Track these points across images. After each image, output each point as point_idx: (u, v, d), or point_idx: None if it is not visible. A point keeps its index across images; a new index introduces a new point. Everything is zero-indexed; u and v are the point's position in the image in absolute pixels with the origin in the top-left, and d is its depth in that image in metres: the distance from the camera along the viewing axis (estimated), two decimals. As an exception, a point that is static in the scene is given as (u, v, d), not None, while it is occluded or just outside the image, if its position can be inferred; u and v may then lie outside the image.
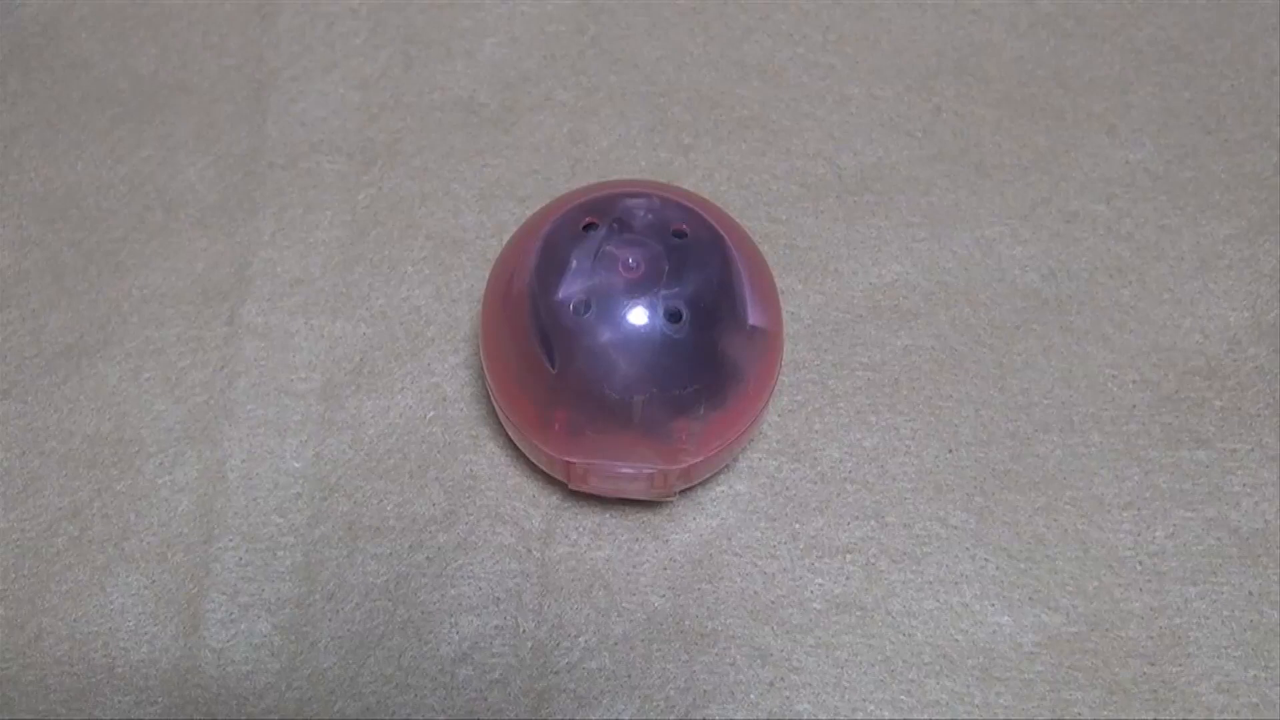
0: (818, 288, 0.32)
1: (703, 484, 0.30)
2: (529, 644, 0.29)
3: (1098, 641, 0.29)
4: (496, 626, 0.29)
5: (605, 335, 0.25)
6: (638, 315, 0.26)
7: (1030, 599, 0.30)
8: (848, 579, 0.30)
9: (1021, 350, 0.32)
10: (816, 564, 0.30)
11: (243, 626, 0.29)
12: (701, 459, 0.27)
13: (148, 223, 0.33)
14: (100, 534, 0.30)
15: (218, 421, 0.31)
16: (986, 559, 0.30)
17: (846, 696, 0.29)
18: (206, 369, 0.31)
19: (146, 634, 0.29)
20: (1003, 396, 0.31)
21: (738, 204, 0.33)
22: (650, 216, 0.27)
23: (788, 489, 0.30)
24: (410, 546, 0.30)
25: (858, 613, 0.29)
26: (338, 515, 0.30)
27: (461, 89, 0.34)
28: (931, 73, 0.34)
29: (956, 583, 0.30)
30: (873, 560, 0.30)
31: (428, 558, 0.30)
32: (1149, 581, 0.30)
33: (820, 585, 0.30)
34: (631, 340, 0.26)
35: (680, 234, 0.27)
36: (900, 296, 0.32)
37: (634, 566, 0.30)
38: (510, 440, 0.30)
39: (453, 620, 0.29)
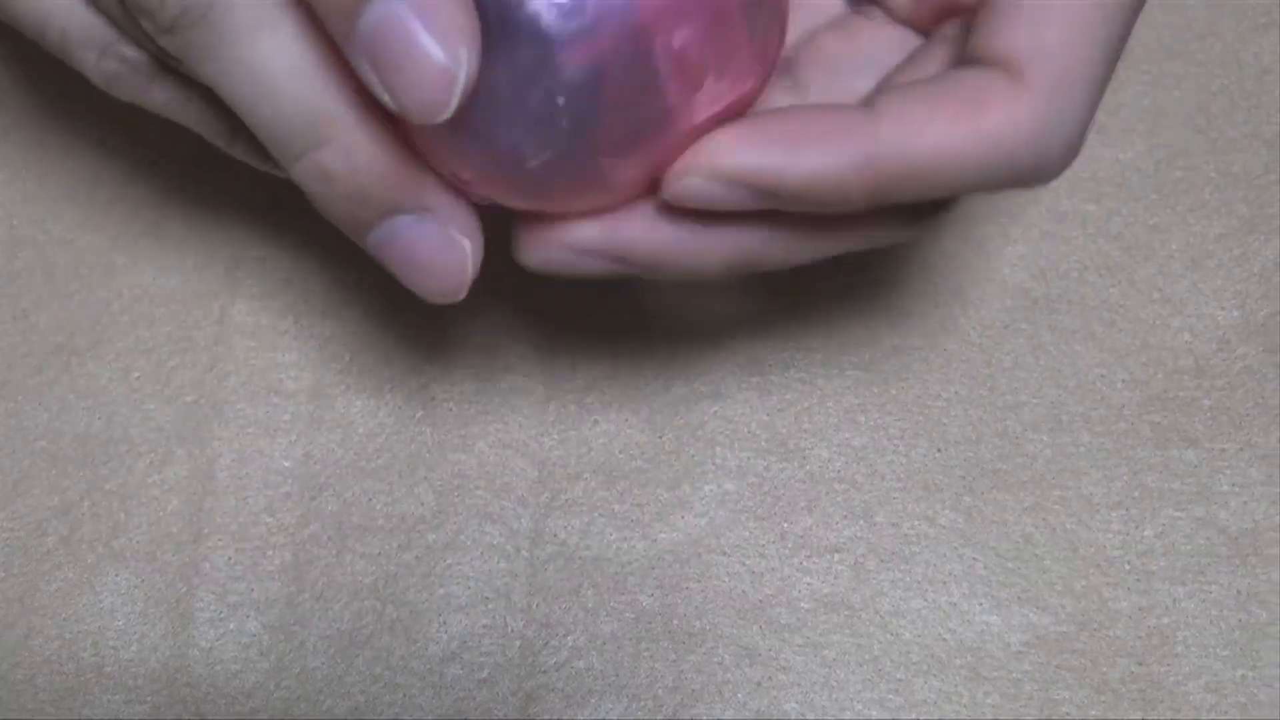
0: (807, 286, 0.32)
1: (691, 484, 0.30)
2: (517, 643, 0.29)
3: (1086, 641, 0.29)
4: (485, 626, 0.29)
5: None
6: None
7: (1018, 598, 0.30)
8: (836, 578, 0.30)
9: (1010, 349, 0.32)
10: (805, 563, 0.30)
11: (232, 626, 0.29)
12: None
13: (139, 222, 0.33)
14: (90, 533, 0.30)
15: (207, 421, 0.31)
16: (975, 558, 0.30)
17: (834, 696, 0.29)
18: (196, 368, 0.31)
19: (136, 633, 0.29)
20: (991, 396, 0.31)
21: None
22: None
23: (776, 488, 0.30)
24: (399, 546, 0.30)
25: (846, 612, 0.29)
26: (327, 514, 0.30)
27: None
28: (922, 72, 0.34)
29: (945, 582, 0.30)
30: (861, 559, 0.30)
31: (416, 557, 0.30)
32: (1137, 581, 0.30)
33: (808, 584, 0.30)
34: None
35: None
36: (889, 295, 0.32)
37: (622, 566, 0.30)
38: (501, 439, 0.30)
39: (441, 619, 0.29)
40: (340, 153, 0.21)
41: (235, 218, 0.33)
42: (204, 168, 0.33)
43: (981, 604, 0.30)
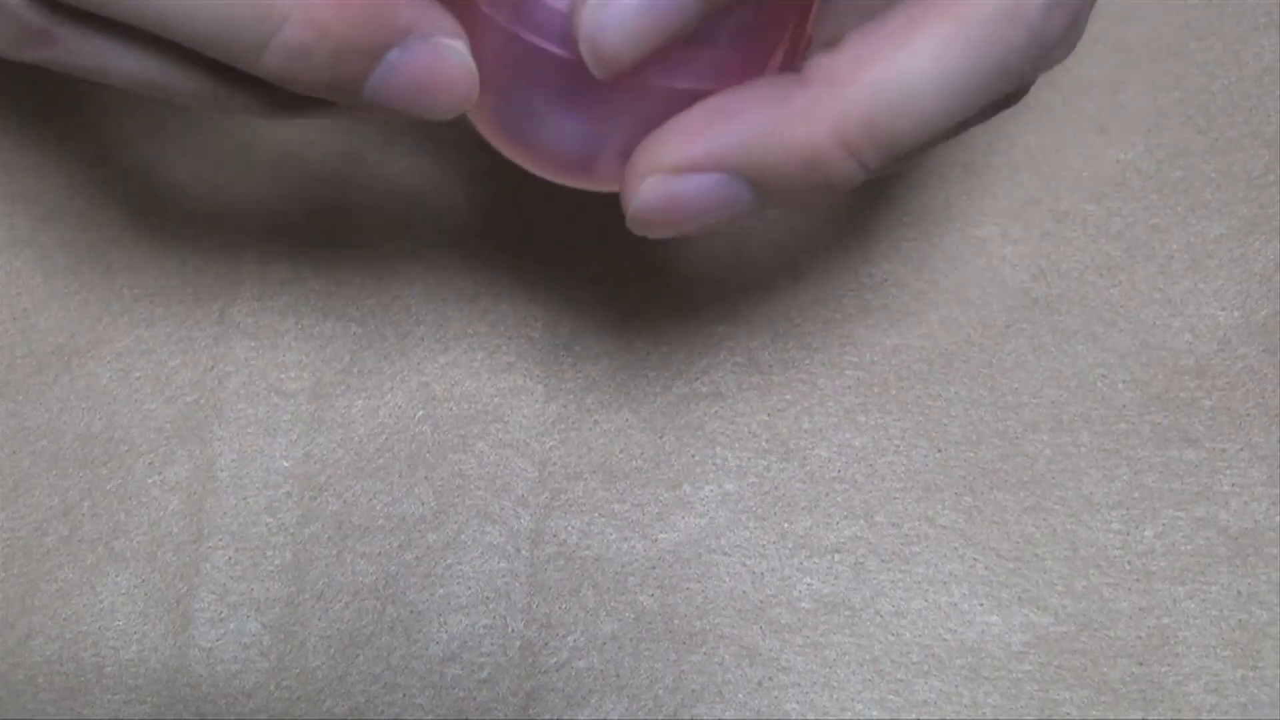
0: (807, 286, 0.32)
1: (691, 484, 0.30)
2: (517, 643, 0.29)
3: (1086, 641, 0.29)
4: (485, 626, 0.29)
5: None
6: None
7: (1019, 598, 0.30)
8: (836, 578, 0.30)
9: (1011, 349, 0.32)
10: (805, 563, 0.30)
11: (232, 626, 0.29)
12: None
13: (139, 223, 0.33)
14: (90, 533, 0.30)
15: (208, 421, 0.31)
16: (975, 558, 0.30)
17: (835, 696, 0.29)
18: (197, 368, 0.31)
19: (136, 633, 0.29)
20: (992, 396, 0.31)
21: (728, 203, 0.33)
22: None
23: (776, 488, 0.30)
24: (399, 546, 0.30)
25: (846, 612, 0.29)
26: (327, 514, 0.30)
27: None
28: (922, 72, 0.34)
29: (945, 582, 0.30)
30: (861, 560, 0.30)
31: (416, 557, 0.30)
32: (1138, 581, 0.30)
33: (809, 585, 0.30)
34: None
35: None
36: (889, 295, 0.32)
37: (622, 566, 0.30)
38: (501, 439, 0.30)
39: (441, 619, 0.29)
40: (305, 22, 0.19)
41: (235, 217, 0.33)
42: (204, 167, 0.33)
43: (982, 604, 0.29)
